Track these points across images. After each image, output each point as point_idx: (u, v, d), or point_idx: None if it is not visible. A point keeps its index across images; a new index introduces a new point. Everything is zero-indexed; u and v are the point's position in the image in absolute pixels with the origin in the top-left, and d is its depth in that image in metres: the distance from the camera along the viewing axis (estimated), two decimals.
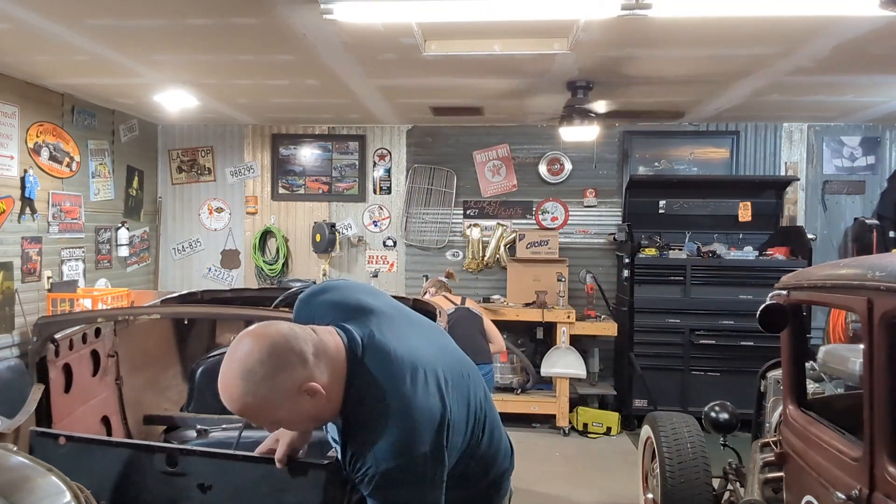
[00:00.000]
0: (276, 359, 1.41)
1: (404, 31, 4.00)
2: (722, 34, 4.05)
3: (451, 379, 1.62)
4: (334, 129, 7.44)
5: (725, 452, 3.44)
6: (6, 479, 1.48)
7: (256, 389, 1.40)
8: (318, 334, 1.50)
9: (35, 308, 5.50)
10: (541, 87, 5.41)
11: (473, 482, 1.75)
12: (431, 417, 1.51)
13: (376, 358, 1.53)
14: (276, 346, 1.42)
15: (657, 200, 6.86)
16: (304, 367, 1.43)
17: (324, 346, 1.49)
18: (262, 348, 1.41)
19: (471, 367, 1.77)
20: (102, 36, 4.21)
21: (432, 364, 1.59)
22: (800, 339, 2.69)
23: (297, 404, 1.45)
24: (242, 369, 1.40)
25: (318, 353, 1.47)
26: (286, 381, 1.42)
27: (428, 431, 1.49)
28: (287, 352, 1.42)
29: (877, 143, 6.94)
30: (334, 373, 1.49)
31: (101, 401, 3.05)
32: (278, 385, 1.41)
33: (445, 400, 1.55)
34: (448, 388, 1.58)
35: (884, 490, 1.87)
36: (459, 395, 1.63)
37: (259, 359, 1.40)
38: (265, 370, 1.40)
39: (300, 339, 1.45)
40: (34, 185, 5.45)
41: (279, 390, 1.42)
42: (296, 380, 1.43)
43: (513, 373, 6.45)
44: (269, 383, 1.40)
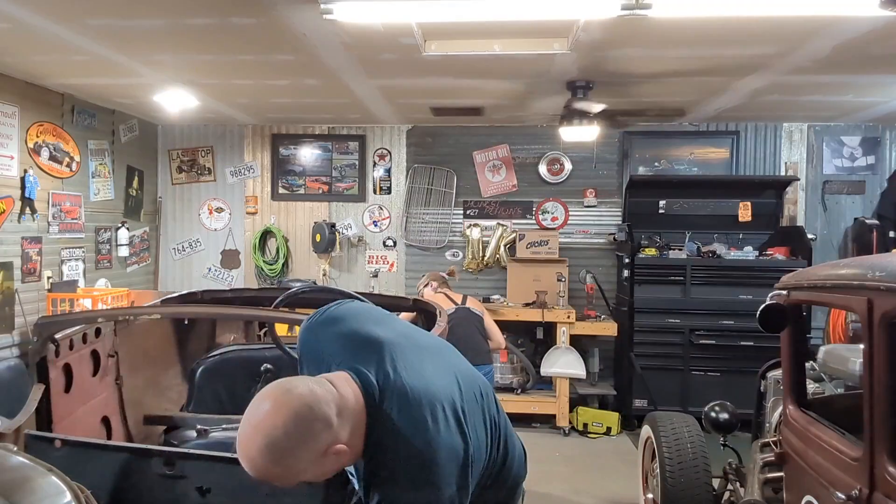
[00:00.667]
0: (301, 430, 1.35)
1: (404, 31, 4.00)
2: (722, 34, 4.05)
3: (467, 406, 1.59)
4: (334, 129, 7.44)
5: (725, 452, 3.44)
6: (6, 479, 1.48)
7: (282, 461, 1.35)
8: (337, 387, 1.44)
9: (35, 308, 5.50)
10: (541, 87, 5.41)
11: (490, 495, 1.74)
12: (456, 457, 1.49)
13: (395, 403, 1.48)
14: (301, 417, 1.35)
15: (657, 200, 6.86)
16: (329, 431, 1.38)
17: (344, 401, 1.43)
18: (287, 420, 1.34)
19: (482, 383, 1.74)
20: (102, 36, 4.21)
21: (449, 396, 1.55)
22: (800, 339, 2.69)
23: (322, 466, 1.41)
24: (267, 443, 1.33)
25: (340, 413, 1.41)
26: (313, 450, 1.37)
27: (454, 471, 1.47)
28: (312, 421, 1.36)
29: (877, 143, 6.93)
30: (355, 425, 1.45)
31: (101, 401, 3.05)
32: (305, 455, 1.36)
33: (466, 434, 1.53)
34: (466, 418, 1.56)
35: (884, 490, 1.87)
36: (477, 422, 1.60)
37: (285, 432, 1.33)
38: (291, 443, 1.34)
39: (322, 403, 1.38)
40: (34, 185, 5.45)
41: (306, 460, 1.37)
42: (322, 446, 1.38)
43: (513, 373, 6.45)
44: (296, 454, 1.35)
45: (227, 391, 3.25)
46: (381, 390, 1.49)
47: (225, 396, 3.23)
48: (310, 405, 1.36)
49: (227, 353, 3.50)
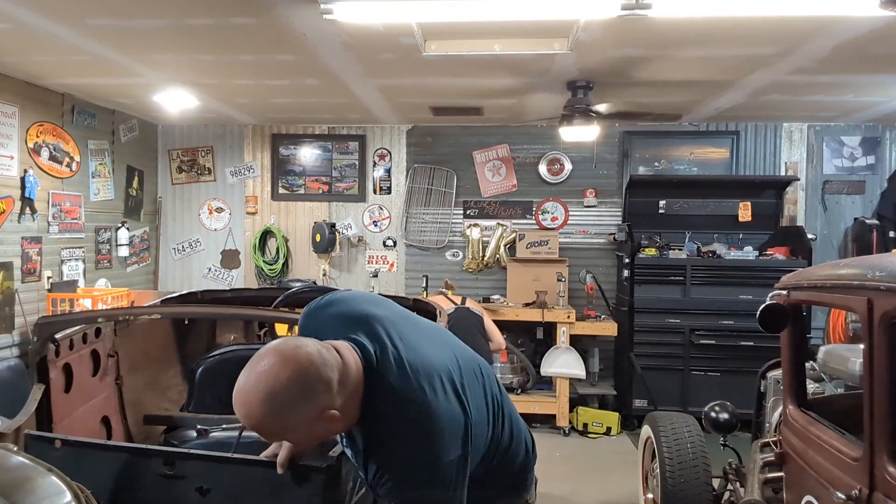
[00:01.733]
0: (304, 386, 1.38)
1: (404, 31, 4.00)
2: (722, 34, 4.05)
3: (466, 380, 1.60)
4: (334, 129, 7.44)
5: (725, 452, 3.44)
6: (6, 479, 1.48)
7: (279, 412, 1.37)
8: (342, 354, 1.47)
9: (35, 308, 5.50)
10: (541, 87, 5.41)
11: (499, 478, 1.75)
12: (455, 425, 1.50)
13: (392, 371, 1.50)
14: (305, 374, 1.38)
15: (657, 200, 6.86)
16: (328, 395, 1.41)
17: (346, 369, 1.46)
18: (291, 374, 1.37)
19: (482, 364, 1.76)
20: (102, 36, 4.21)
21: (447, 368, 1.57)
22: (800, 339, 2.69)
23: (313, 428, 1.44)
24: (267, 391, 1.36)
25: (341, 380, 1.44)
26: (309, 409, 1.40)
27: (452, 439, 1.48)
28: (315, 380, 1.39)
29: (877, 143, 6.93)
30: (352, 392, 1.47)
31: (101, 401, 3.05)
32: (301, 412, 1.39)
33: (465, 404, 1.54)
34: (465, 390, 1.57)
35: (884, 490, 1.87)
36: (476, 395, 1.62)
37: (287, 384, 1.37)
38: (291, 396, 1.37)
39: (328, 367, 1.42)
40: (34, 185, 5.45)
41: (301, 416, 1.40)
42: (318, 408, 1.41)
43: (513, 373, 6.45)
44: (293, 409, 1.38)
45: (227, 391, 3.23)
46: (378, 360, 1.51)
47: (225, 396, 3.21)
48: (317, 365, 1.39)
49: (227, 353, 3.50)
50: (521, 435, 1.82)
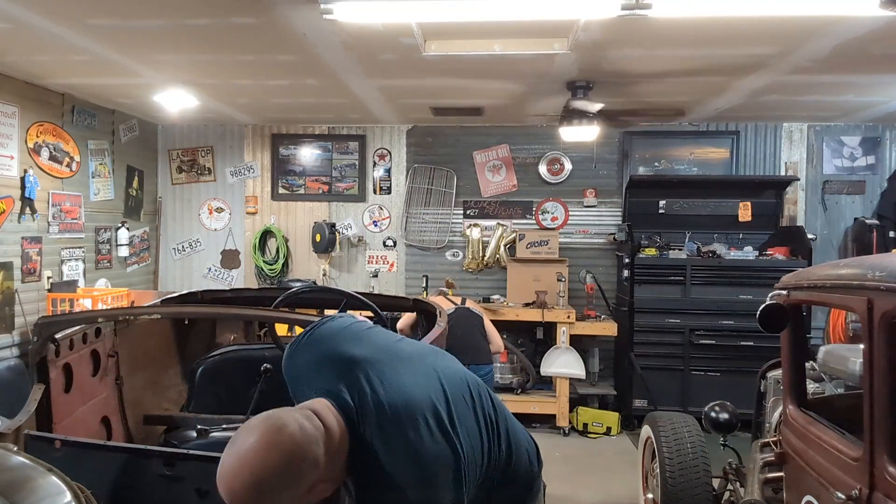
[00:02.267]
0: (291, 472, 1.32)
1: (404, 31, 4.00)
2: (722, 34, 4.05)
3: (456, 409, 1.56)
4: (334, 129, 7.44)
5: (725, 452, 3.44)
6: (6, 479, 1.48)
7: (265, 499, 1.31)
8: (323, 420, 1.41)
9: (35, 308, 5.50)
10: (541, 87, 5.41)
11: (504, 492, 1.73)
12: (445, 463, 1.47)
13: (373, 421, 1.46)
14: (292, 458, 1.31)
15: (657, 200, 6.86)
16: (315, 471, 1.36)
17: (331, 436, 1.41)
18: (278, 462, 1.30)
19: (472, 383, 1.71)
20: (103, 36, 4.21)
21: (431, 404, 1.53)
22: (800, 339, 2.69)
23: (302, 500, 1.38)
24: (254, 481, 1.29)
25: (327, 451, 1.38)
26: (299, 489, 1.35)
27: (444, 482, 1.45)
28: (302, 461, 1.33)
29: (877, 143, 6.93)
30: (340, 456, 1.44)
31: (101, 401, 3.05)
32: (289, 494, 1.33)
33: (455, 440, 1.51)
34: (455, 422, 1.53)
35: (884, 490, 1.87)
36: (468, 423, 1.58)
37: (275, 473, 1.30)
38: (278, 484, 1.31)
39: (313, 443, 1.35)
40: (34, 185, 5.45)
41: (289, 498, 1.34)
42: (307, 485, 1.36)
43: (513, 373, 6.45)
44: (281, 494, 1.32)
45: (227, 391, 3.25)
46: (357, 411, 1.46)
47: (225, 396, 3.23)
48: (302, 447, 1.33)
49: (227, 353, 3.50)
50: (522, 447, 1.78)
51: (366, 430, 1.45)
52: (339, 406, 1.46)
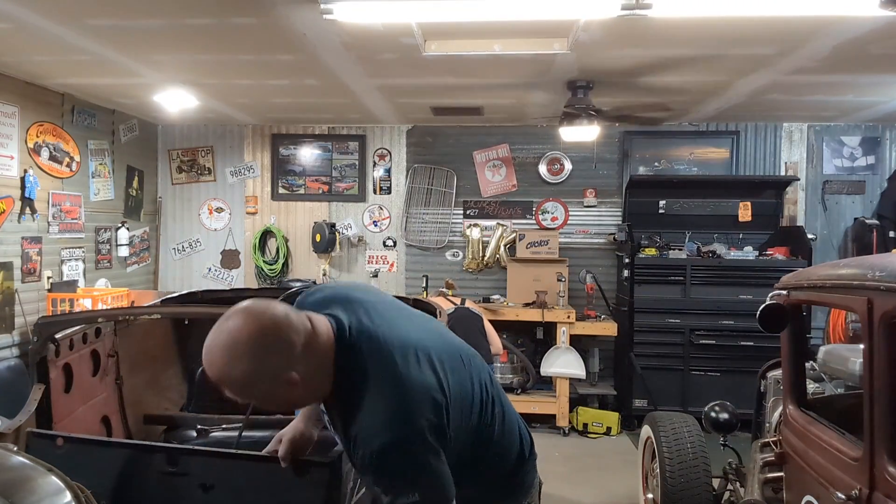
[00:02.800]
0: (263, 344, 1.42)
1: (404, 31, 4.00)
2: (722, 34, 4.05)
3: (447, 361, 1.61)
4: (334, 129, 7.44)
5: (725, 452, 3.44)
6: (6, 479, 1.48)
7: (237, 366, 1.41)
8: (313, 323, 1.51)
9: (35, 308, 5.50)
10: (541, 86, 5.41)
11: (494, 471, 1.74)
12: (425, 389, 1.50)
13: (365, 342, 1.53)
14: (266, 332, 1.42)
15: (657, 200, 6.86)
16: (288, 358, 1.44)
17: (315, 337, 1.50)
18: (253, 330, 1.42)
19: (471, 354, 1.76)
20: (102, 36, 4.21)
21: (424, 346, 1.59)
22: (800, 339, 2.69)
23: (273, 389, 1.47)
24: (229, 344, 1.41)
25: (307, 344, 1.47)
26: (268, 368, 1.43)
27: (424, 403, 1.48)
28: (276, 339, 1.43)
29: (877, 143, 6.93)
30: (322, 362, 1.51)
31: (101, 401, 3.05)
32: (260, 369, 1.42)
33: (440, 376, 1.55)
34: (444, 367, 1.58)
35: (884, 490, 1.87)
36: (459, 377, 1.62)
37: (247, 340, 1.41)
38: (251, 351, 1.41)
39: (292, 329, 1.45)
40: (34, 185, 5.45)
41: (259, 374, 1.43)
42: (277, 368, 1.44)
43: (513, 373, 6.45)
44: (252, 365, 1.41)
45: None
46: (350, 332, 1.55)
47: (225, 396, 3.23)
48: (279, 326, 1.43)
49: None
50: (514, 426, 1.81)
51: (355, 348, 1.52)
52: (336, 323, 1.55)
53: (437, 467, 1.48)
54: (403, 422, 1.45)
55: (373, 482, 1.48)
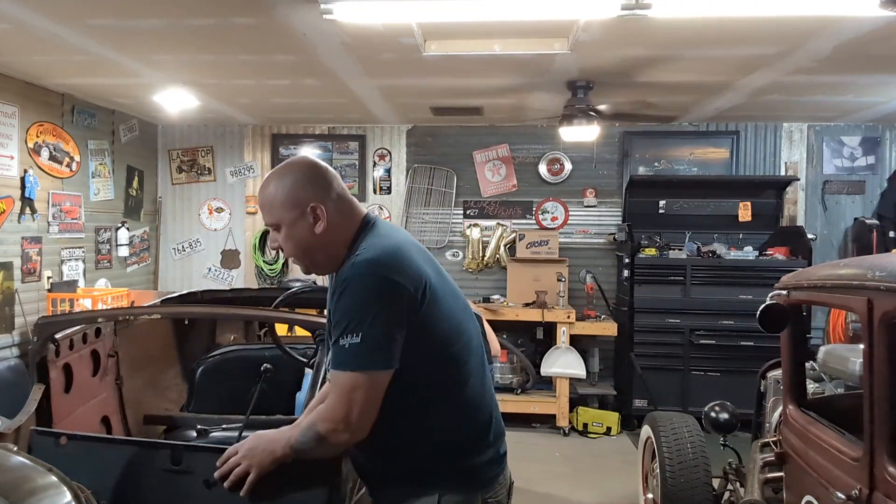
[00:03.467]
0: (309, 172, 1.72)
1: (404, 31, 4.00)
2: (722, 34, 4.05)
3: (449, 286, 1.79)
4: (334, 129, 7.44)
5: (725, 452, 3.44)
6: (6, 479, 1.48)
7: (284, 179, 1.71)
8: (351, 197, 1.78)
9: (35, 308, 5.50)
10: (541, 86, 5.41)
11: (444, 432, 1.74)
12: (416, 266, 1.66)
13: (385, 227, 1.78)
14: (315, 166, 1.74)
15: (657, 200, 6.86)
16: (324, 191, 1.70)
17: (349, 201, 1.76)
18: (306, 161, 1.77)
19: (472, 314, 1.90)
20: (103, 36, 4.21)
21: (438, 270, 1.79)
22: (800, 339, 2.69)
23: (299, 219, 1.70)
24: (284, 166, 1.75)
25: (341, 198, 1.73)
26: (304, 190, 1.69)
27: (402, 270, 1.63)
28: (320, 175, 1.72)
29: (877, 143, 6.93)
30: (344, 223, 1.73)
31: (101, 401, 3.05)
32: (294, 189, 1.69)
33: (431, 275, 1.70)
34: (441, 277, 1.77)
35: (884, 490, 1.87)
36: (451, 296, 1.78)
37: (298, 164, 1.75)
38: (298, 173, 1.71)
39: (335, 180, 1.75)
40: (34, 185, 5.45)
41: (293, 194, 1.69)
42: (311, 195, 1.69)
43: (513, 373, 6.45)
44: (294, 181, 1.70)
45: (227, 391, 3.25)
46: (376, 221, 1.80)
47: (225, 396, 3.23)
48: (327, 170, 1.76)
49: (227, 353, 3.51)
50: (487, 409, 1.83)
51: (375, 228, 1.76)
52: (367, 212, 1.83)
53: (389, 322, 1.59)
54: (375, 267, 1.61)
55: (331, 318, 1.64)
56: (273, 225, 1.74)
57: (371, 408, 1.61)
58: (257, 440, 1.74)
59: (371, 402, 1.60)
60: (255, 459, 1.70)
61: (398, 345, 1.60)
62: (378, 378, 1.60)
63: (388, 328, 1.58)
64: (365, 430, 1.62)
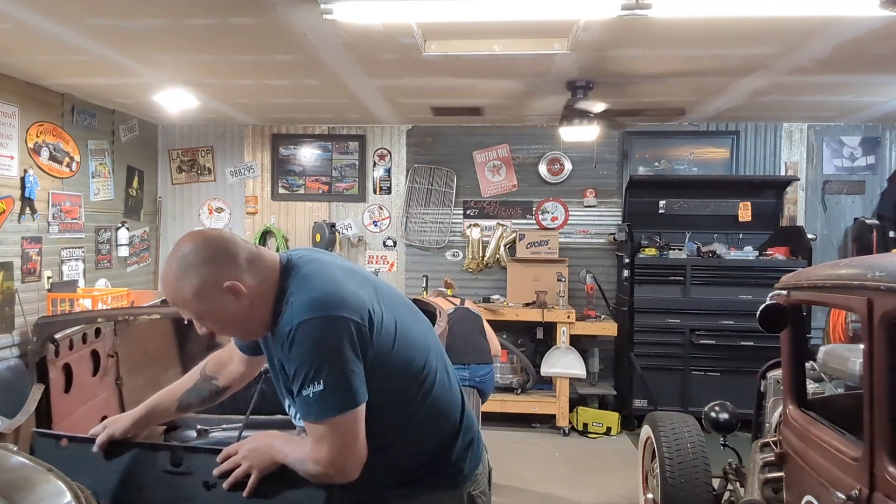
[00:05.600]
0: (208, 252, 1.59)
1: (404, 31, 4.00)
2: (722, 34, 4.05)
3: (391, 300, 1.74)
4: (334, 129, 7.44)
5: (725, 452, 3.44)
6: (6, 479, 1.48)
7: (186, 275, 1.57)
8: (258, 249, 1.68)
9: (35, 308, 5.50)
10: (541, 87, 5.41)
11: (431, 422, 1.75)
12: (356, 297, 1.60)
13: (308, 263, 1.67)
14: (211, 242, 1.61)
15: (657, 200, 6.85)
16: (232, 266, 1.59)
17: (259, 256, 1.65)
18: (199, 241, 1.61)
19: (417, 311, 1.87)
20: (102, 36, 4.21)
21: (369, 279, 1.74)
22: (800, 339, 2.69)
23: (220, 300, 1.59)
24: (179, 259, 1.59)
25: (251, 260, 1.62)
26: (213, 274, 1.57)
27: (351, 304, 1.57)
28: (220, 249, 1.60)
29: (877, 143, 6.93)
30: (264, 282, 1.63)
31: (101, 401, 3.05)
32: (205, 275, 1.57)
33: (376, 300, 1.66)
34: (385, 300, 1.70)
35: (884, 490, 1.87)
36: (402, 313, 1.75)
37: (193, 249, 1.59)
38: (197, 259, 1.57)
39: (237, 245, 1.63)
40: (34, 185, 5.45)
41: (205, 281, 1.57)
42: (222, 275, 1.58)
43: (513, 373, 6.45)
44: (198, 271, 1.57)
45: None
46: (292, 259, 1.71)
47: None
48: (224, 238, 1.64)
49: None
50: (455, 393, 1.84)
51: (298, 269, 1.66)
52: (280, 255, 1.74)
53: (345, 360, 1.53)
54: (314, 308, 1.54)
55: (286, 372, 1.57)
56: (196, 318, 1.67)
57: (355, 447, 1.57)
58: (258, 441, 1.73)
59: (352, 441, 1.57)
60: (257, 461, 1.69)
61: (361, 378, 1.57)
62: (351, 417, 1.56)
63: (345, 366, 1.54)
64: (355, 466, 1.59)
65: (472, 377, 4.61)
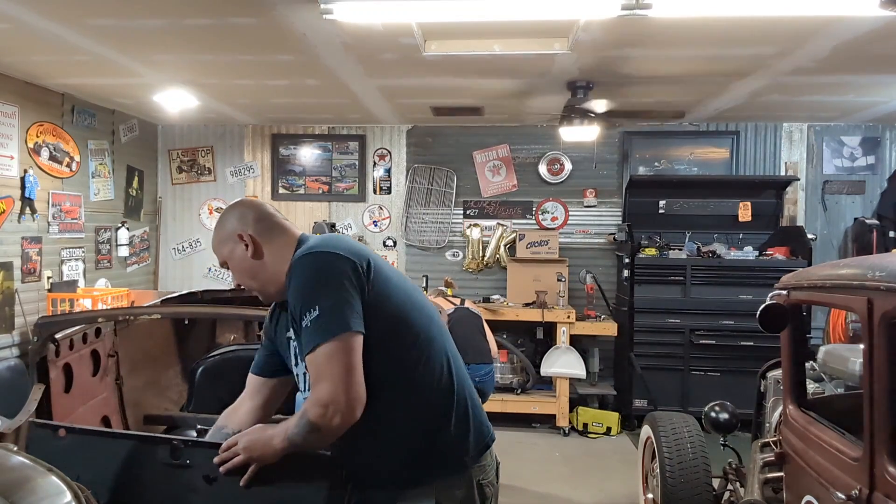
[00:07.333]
0: (236, 211, 1.89)
1: (404, 31, 4.00)
2: (722, 34, 4.05)
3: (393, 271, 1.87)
4: (334, 129, 7.44)
5: (725, 452, 3.44)
6: (6, 479, 1.48)
7: (218, 226, 1.91)
8: (285, 222, 1.91)
9: (35, 308, 5.50)
10: (541, 87, 5.41)
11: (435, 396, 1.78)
12: (356, 246, 1.77)
13: (317, 236, 1.87)
14: (241, 204, 1.92)
15: (657, 200, 6.85)
16: (248, 223, 1.84)
17: (281, 226, 1.88)
18: (236, 204, 1.94)
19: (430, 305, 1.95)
20: (102, 36, 4.21)
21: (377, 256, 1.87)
22: (800, 339, 2.69)
23: (234, 248, 1.85)
24: (222, 213, 1.93)
25: (271, 226, 1.86)
26: (232, 226, 1.86)
27: (349, 247, 1.73)
28: (245, 211, 1.88)
29: (877, 143, 6.93)
30: (277, 245, 1.84)
31: (101, 401, 3.06)
32: (227, 226, 1.87)
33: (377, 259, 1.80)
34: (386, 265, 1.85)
35: (884, 490, 1.87)
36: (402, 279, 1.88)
37: (229, 208, 1.93)
38: (227, 215, 1.90)
39: (262, 211, 1.89)
40: (34, 185, 5.45)
41: (226, 230, 1.87)
42: (237, 227, 1.85)
43: (513, 373, 6.45)
44: (224, 224, 1.89)
45: (227, 391, 3.24)
46: (311, 235, 1.91)
47: (225, 396, 3.22)
48: (253, 205, 1.93)
49: (227, 353, 3.51)
50: (463, 382, 1.87)
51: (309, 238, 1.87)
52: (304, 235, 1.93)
53: (341, 288, 1.64)
54: (315, 249, 1.72)
55: (292, 308, 1.69)
56: (222, 263, 1.92)
57: (353, 379, 1.60)
58: (258, 433, 1.76)
59: (351, 372, 1.60)
60: (256, 452, 1.72)
61: (357, 311, 1.65)
62: (348, 342, 1.61)
63: (341, 294, 1.64)
64: (354, 407, 1.60)
65: (473, 377, 4.57)
